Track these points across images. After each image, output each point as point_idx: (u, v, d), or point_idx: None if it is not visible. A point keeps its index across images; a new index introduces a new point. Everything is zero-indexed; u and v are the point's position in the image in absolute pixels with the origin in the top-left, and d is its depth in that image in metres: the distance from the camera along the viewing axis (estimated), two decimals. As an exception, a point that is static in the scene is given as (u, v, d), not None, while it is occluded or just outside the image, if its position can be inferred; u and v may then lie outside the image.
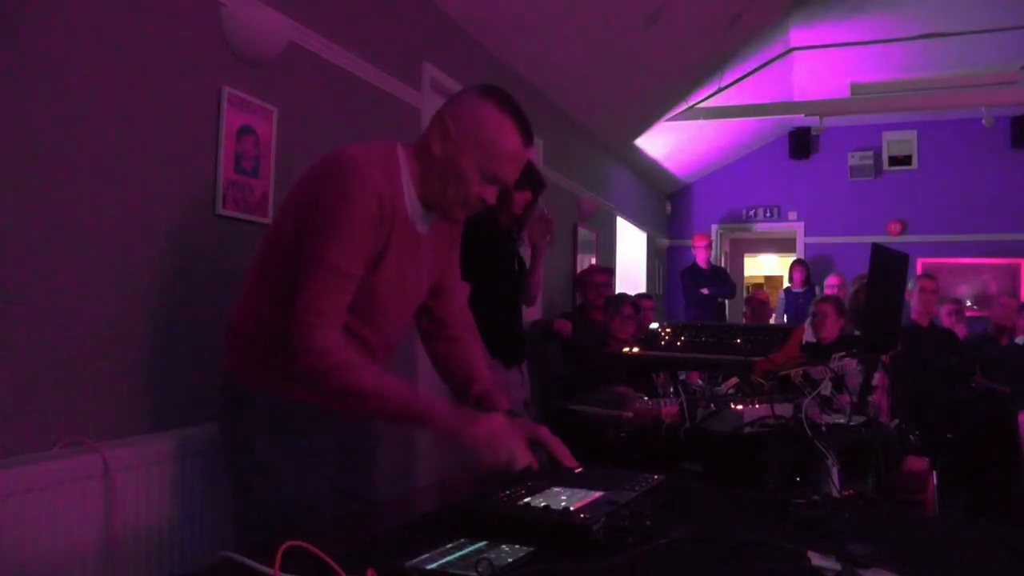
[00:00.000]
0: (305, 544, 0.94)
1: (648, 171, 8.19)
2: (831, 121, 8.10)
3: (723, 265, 8.83)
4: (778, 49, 6.34)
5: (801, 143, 8.69)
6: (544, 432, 1.57)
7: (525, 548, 1.03)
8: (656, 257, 8.66)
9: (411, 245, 1.56)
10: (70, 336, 1.83)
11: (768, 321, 6.59)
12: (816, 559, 1.01)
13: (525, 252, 3.51)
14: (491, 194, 1.55)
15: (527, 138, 1.54)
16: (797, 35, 6.14)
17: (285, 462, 1.53)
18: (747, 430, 2.15)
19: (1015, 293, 7.12)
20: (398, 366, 1.85)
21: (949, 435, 4.22)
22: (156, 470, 1.89)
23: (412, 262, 1.58)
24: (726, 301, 7.56)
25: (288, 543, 0.92)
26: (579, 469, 1.50)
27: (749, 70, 6.42)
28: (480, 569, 0.93)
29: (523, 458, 1.42)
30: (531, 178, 3.20)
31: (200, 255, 2.21)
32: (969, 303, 7.70)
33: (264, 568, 0.91)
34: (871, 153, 8.51)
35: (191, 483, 1.98)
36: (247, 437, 1.56)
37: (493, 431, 1.42)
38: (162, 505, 1.90)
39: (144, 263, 2.04)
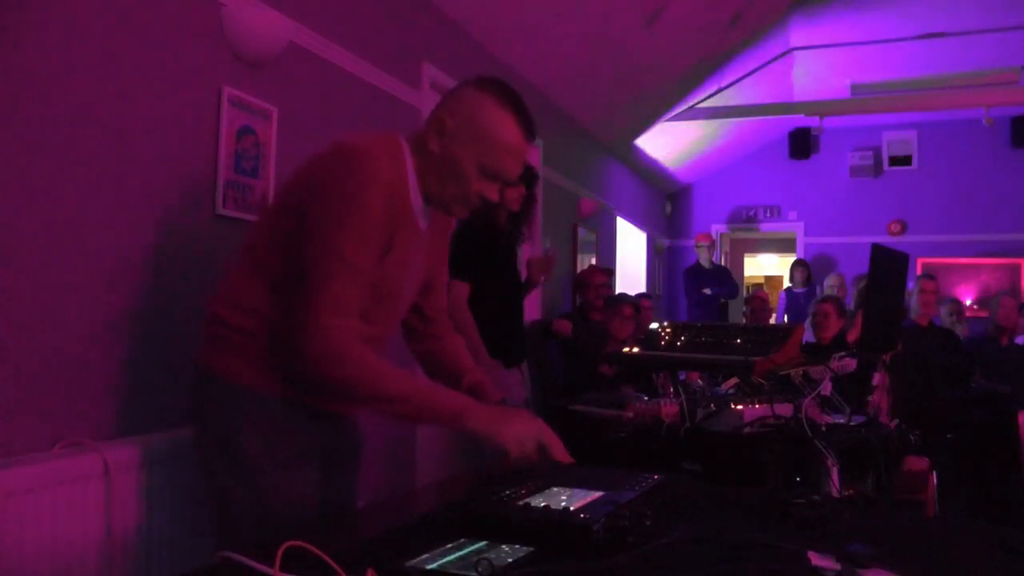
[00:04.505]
0: (305, 544, 0.94)
1: (648, 171, 8.18)
2: (831, 121, 8.09)
3: (724, 265, 8.82)
4: (778, 49, 6.34)
5: (801, 143, 8.68)
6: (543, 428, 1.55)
7: (525, 548, 1.03)
8: (656, 257, 8.66)
9: (413, 239, 1.52)
10: (70, 336, 1.83)
11: (768, 321, 6.59)
12: (816, 559, 1.01)
13: (523, 249, 3.50)
14: (492, 191, 1.51)
15: (528, 131, 1.50)
16: (797, 35, 6.13)
17: (272, 466, 1.45)
18: (747, 430, 2.15)
19: (1015, 293, 7.12)
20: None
21: (949, 435, 4.22)
22: (156, 470, 1.90)
23: (413, 257, 1.54)
24: (728, 302, 7.56)
25: (288, 543, 0.92)
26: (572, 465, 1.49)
27: (749, 70, 6.42)
28: (480, 569, 0.93)
29: (558, 454, 1.45)
30: (523, 171, 3.19)
31: (200, 255, 2.21)
32: (969, 303, 7.69)
33: (264, 568, 0.91)
34: (871, 153, 8.51)
35: (191, 483, 1.97)
36: (230, 438, 1.45)
37: (525, 430, 1.43)
38: (162, 505, 1.90)
39: (144, 263, 2.04)
